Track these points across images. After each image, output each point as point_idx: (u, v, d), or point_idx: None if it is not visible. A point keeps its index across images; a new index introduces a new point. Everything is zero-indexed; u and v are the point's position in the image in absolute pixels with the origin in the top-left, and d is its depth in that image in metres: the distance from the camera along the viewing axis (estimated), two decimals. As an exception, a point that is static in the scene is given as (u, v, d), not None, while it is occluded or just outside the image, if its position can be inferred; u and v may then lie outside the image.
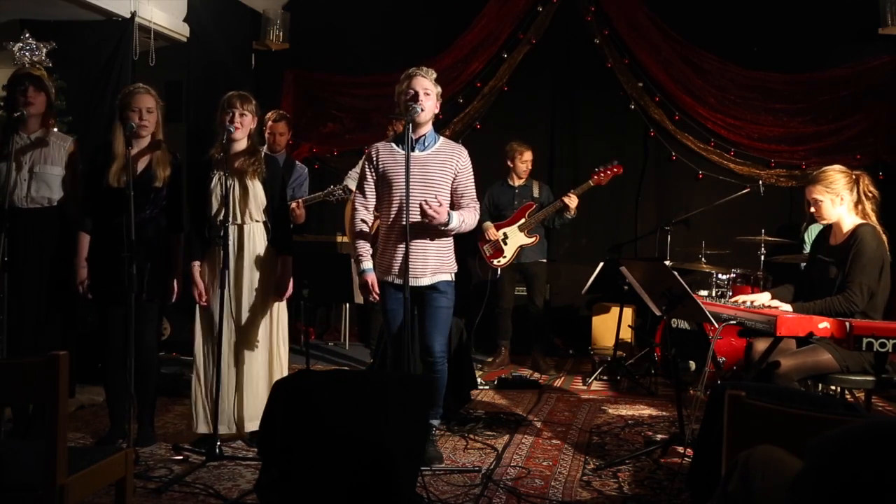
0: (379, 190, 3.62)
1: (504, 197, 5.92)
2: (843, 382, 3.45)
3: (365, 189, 3.64)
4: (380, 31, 7.12)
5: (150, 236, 3.72)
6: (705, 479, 2.64)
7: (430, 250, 3.55)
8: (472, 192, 3.65)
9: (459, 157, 3.62)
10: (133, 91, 3.75)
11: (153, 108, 3.74)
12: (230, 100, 3.76)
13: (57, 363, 2.02)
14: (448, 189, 3.60)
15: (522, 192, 5.93)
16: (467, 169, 3.64)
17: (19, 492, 2.09)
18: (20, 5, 5.38)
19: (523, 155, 5.89)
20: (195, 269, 3.77)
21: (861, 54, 6.17)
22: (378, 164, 3.61)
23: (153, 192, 3.73)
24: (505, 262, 5.84)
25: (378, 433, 2.69)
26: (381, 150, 3.64)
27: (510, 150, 5.91)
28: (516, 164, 5.89)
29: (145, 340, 3.71)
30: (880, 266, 3.37)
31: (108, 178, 3.65)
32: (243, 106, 3.74)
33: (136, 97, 3.71)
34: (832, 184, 3.47)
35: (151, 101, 3.74)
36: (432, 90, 3.56)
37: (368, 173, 3.64)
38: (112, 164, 3.66)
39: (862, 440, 1.31)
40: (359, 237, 3.63)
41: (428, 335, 3.60)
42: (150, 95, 3.74)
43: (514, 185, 5.94)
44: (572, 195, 5.67)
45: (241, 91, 3.85)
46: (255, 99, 3.86)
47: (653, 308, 3.85)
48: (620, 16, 6.55)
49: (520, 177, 5.93)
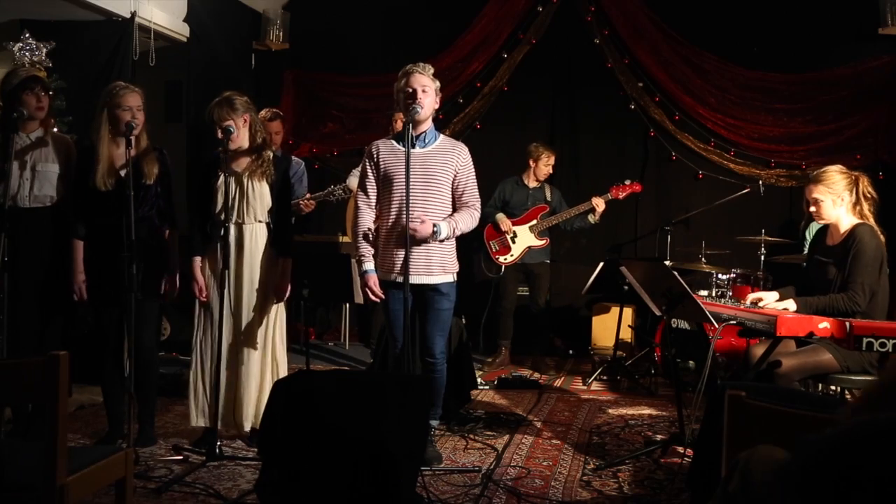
0: (379, 188, 3.62)
1: (517, 195, 5.89)
2: (843, 382, 3.45)
3: (367, 188, 3.63)
4: (380, 32, 7.11)
5: (142, 236, 3.69)
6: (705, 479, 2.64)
7: (432, 249, 3.54)
8: (472, 189, 3.64)
9: (460, 154, 3.61)
10: (120, 91, 3.67)
11: (142, 106, 3.69)
12: (211, 114, 3.68)
13: (57, 363, 2.02)
14: (449, 186, 3.59)
15: (536, 193, 5.92)
16: (468, 166, 3.63)
17: (19, 492, 2.09)
18: (20, 5, 5.38)
19: (549, 158, 5.86)
20: (196, 264, 3.76)
21: (861, 54, 6.17)
22: (379, 162, 3.60)
23: (142, 189, 3.68)
24: (511, 261, 5.83)
25: (378, 433, 2.69)
26: (381, 147, 3.63)
27: (535, 151, 5.86)
28: (539, 167, 5.85)
29: (144, 341, 3.70)
30: (879, 265, 3.37)
31: (95, 180, 3.62)
32: (228, 113, 3.67)
33: (125, 96, 3.65)
34: (834, 184, 3.47)
35: (139, 98, 3.69)
36: (430, 86, 3.55)
37: (370, 171, 3.63)
38: (97, 167, 3.62)
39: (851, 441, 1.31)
40: (362, 238, 3.61)
41: (428, 336, 3.60)
42: (137, 93, 3.69)
43: (529, 186, 5.92)
44: (601, 200, 5.67)
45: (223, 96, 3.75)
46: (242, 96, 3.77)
47: (653, 308, 3.85)
48: (620, 16, 6.55)
49: (538, 179, 5.90)
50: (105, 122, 3.66)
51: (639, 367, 5.59)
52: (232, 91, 3.81)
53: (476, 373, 4.93)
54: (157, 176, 3.73)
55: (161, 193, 3.78)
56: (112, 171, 3.65)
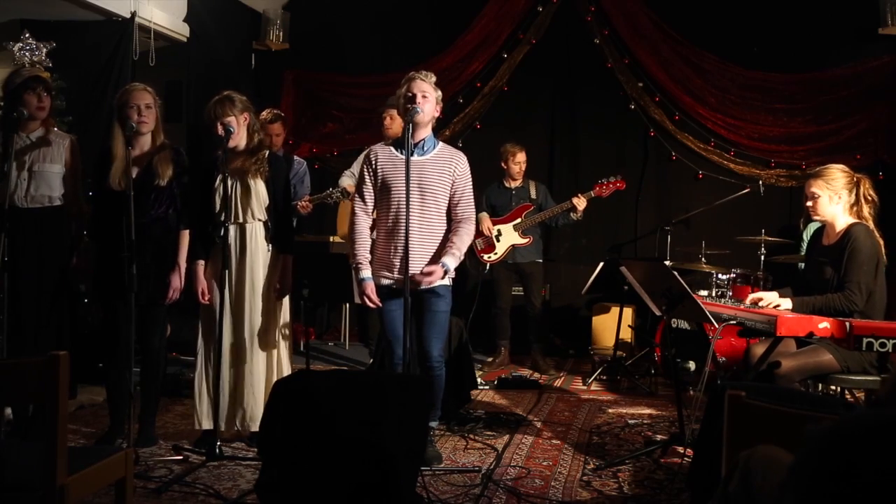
0: (377, 194, 3.61)
1: (501, 199, 5.91)
2: (843, 382, 3.45)
3: (364, 194, 3.62)
4: (380, 31, 7.12)
5: (157, 236, 3.70)
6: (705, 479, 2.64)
7: (428, 252, 3.54)
8: (468, 200, 3.61)
9: (458, 163, 3.60)
10: (130, 89, 3.72)
11: (151, 105, 3.70)
12: (210, 112, 3.67)
13: (57, 363, 2.02)
14: (446, 195, 3.58)
15: (520, 193, 5.93)
16: (465, 175, 3.61)
17: (19, 492, 2.09)
18: (20, 5, 5.39)
19: (516, 156, 5.87)
20: (199, 267, 3.76)
21: (861, 54, 6.17)
22: (377, 169, 3.59)
23: (155, 191, 3.70)
24: (495, 259, 5.83)
25: (378, 433, 2.69)
26: (379, 153, 3.62)
27: (503, 152, 5.90)
28: (510, 166, 5.88)
29: (153, 343, 3.70)
30: (875, 263, 3.38)
31: (109, 180, 3.63)
32: (230, 110, 3.68)
33: (133, 94, 3.68)
34: (833, 180, 3.48)
35: (149, 97, 3.71)
36: (431, 94, 3.54)
37: (367, 177, 3.61)
38: (111, 167, 3.64)
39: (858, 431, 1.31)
40: (358, 244, 3.59)
41: (426, 340, 3.58)
42: (147, 92, 3.71)
43: (510, 187, 5.93)
44: (582, 197, 5.67)
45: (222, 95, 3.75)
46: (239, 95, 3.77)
47: (653, 308, 3.85)
48: (620, 16, 6.55)
49: (514, 178, 5.92)
50: (117, 122, 3.69)
51: (639, 367, 5.59)
52: (231, 90, 3.81)
53: (476, 373, 4.93)
54: (171, 176, 3.72)
55: (178, 194, 3.77)
56: (126, 169, 3.64)
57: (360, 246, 3.59)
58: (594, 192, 5.73)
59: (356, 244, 3.60)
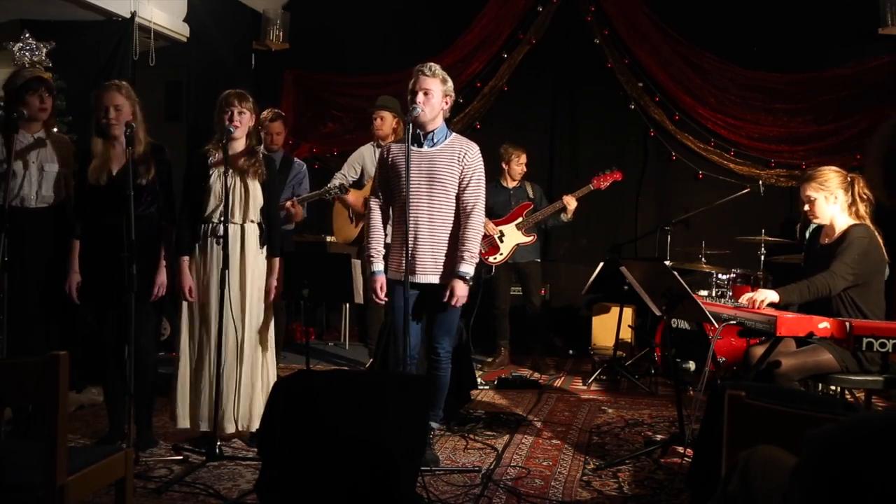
0: (391, 188, 3.64)
1: (499, 198, 5.90)
2: (843, 382, 3.46)
3: (379, 190, 3.67)
4: (380, 31, 7.12)
5: (140, 234, 3.68)
6: (705, 479, 2.64)
7: (442, 249, 3.56)
8: (475, 188, 3.57)
9: (467, 151, 3.59)
10: (101, 89, 3.67)
11: (121, 105, 3.63)
12: (228, 98, 3.73)
13: (57, 363, 2.02)
14: (455, 185, 3.56)
15: (517, 193, 5.93)
16: (474, 163, 3.58)
17: (19, 492, 2.09)
18: (20, 5, 5.38)
19: (520, 157, 5.88)
20: (184, 264, 3.74)
21: (861, 54, 6.17)
22: (389, 164, 3.63)
23: (136, 189, 3.60)
24: (501, 260, 5.83)
25: (378, 433, 2.69)
26: (392, 149, 3.67)
27: (505, 153, 5.90)
28: (511, 167, 5.88)
29: (141, 342, 3.65)
30: (869, 258, 3.39)
31: (87, 176, 3.62)
32: (241, 104, 3.72)
33: (103, 95, 3.63)
34: (826, 182, 3.49)
35: (120, 98, 3.63)
36: (435, 89, 3.54)
37: (381, 173, 3.67)
38: (89, 164, 3.63)
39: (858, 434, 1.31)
40: (372, 237, 3.63)
41: (435, 335, 3.61)
42: (117, 92, 3.64)
43: (508, 187, 5.93)
44: (572, 197, 5.68)
45: (238, 89, 3.82)
46: (252, 97, 3.84)
47: (653, 308, 3.85)
48: (620, 16, 6.55)
49: (514, 179, 5.93)
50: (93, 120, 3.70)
51: (639, 367, 5.59)
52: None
53: (476, 373, 4.93)
54: (152, 175, 3.68)
55: (160, 192, 3.76)
56: (103, 167, 3.63)
57: (373, 239, 3.63)
58: (592, 185, 5.73)
59: (369, 237, 3.64)
